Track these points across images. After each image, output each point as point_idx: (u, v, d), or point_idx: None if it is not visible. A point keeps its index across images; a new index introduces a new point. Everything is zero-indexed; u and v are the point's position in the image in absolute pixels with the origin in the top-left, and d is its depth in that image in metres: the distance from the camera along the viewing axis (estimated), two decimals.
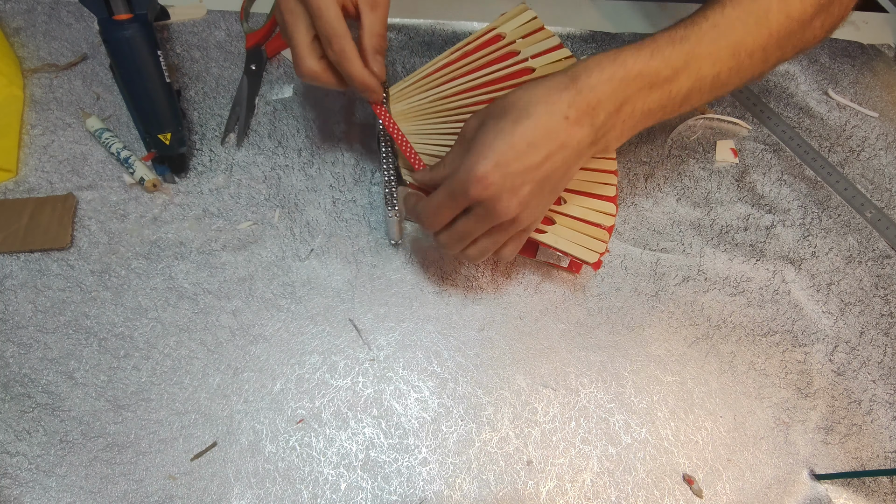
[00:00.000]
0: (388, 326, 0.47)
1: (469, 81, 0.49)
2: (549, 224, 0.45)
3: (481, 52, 0.50)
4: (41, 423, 0.41)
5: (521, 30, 0.51)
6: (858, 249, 0.55)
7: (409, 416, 0.44)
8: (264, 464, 0.41)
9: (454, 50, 0.51)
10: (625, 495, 0.43)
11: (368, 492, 0.41)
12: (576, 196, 0.46)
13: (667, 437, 0.45)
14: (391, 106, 0.49)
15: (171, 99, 0.48)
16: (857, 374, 0.49)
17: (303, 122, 0.55)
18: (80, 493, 0.39)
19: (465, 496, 0.42)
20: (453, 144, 0.40)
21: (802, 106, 0.63)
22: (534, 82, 0.37)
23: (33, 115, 0.52)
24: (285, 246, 0.49)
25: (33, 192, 0.48)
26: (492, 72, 0.50)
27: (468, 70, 0.50)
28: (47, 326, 0.44)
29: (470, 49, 0.51)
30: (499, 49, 0.50)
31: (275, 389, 0.43)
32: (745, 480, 0.44)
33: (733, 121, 0.60)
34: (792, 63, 0.65)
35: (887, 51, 0.68)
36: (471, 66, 0.50)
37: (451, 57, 0.51)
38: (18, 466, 0.39)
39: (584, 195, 0.46)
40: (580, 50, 0.63)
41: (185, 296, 0.46)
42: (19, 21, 0.56)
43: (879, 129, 0.62)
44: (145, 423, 0.41)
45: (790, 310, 0.51)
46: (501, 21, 0.52)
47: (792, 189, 0.57)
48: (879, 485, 0.45)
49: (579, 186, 0.46)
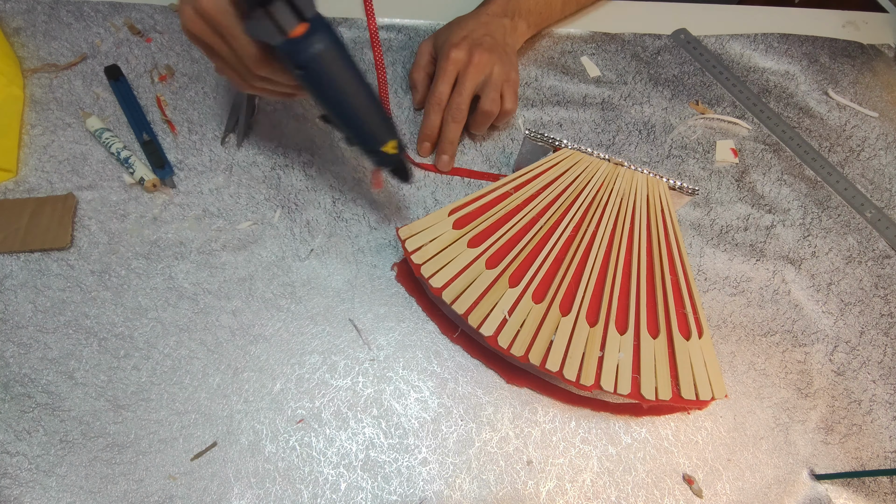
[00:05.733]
0: (388, 326, 0.47)
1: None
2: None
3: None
4: (41, 423, 0.41)
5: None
6: (858, 249, 0.55)
7: (409, 416, 0.44)
8: (264, 464, 0.41)
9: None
10: (625, 495, 0.43)
11: (368, 492, 0.41)
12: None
13: (667, 437, 0.45)
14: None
15: (379, 101, 0.41)
16: (857, 374, 0.49)
17: (302, 122, 0.55)
18: (80, 493, 0.39)
19: (465, 496, 0.42)
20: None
21: (802, 106, 0.63)
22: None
23: (33, 115, 0.52)
24: (285, 246, 0.49)
25: (33, 192, 0.48)
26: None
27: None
28: (47, 326, 0.44)
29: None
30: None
31: (275, 389, 0.43)
32: (745, 480, 0.44)
33: (733, 121, 0.60)
34: (792, 63, 0.65)
35: (887, 51, 0.68)
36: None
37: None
38: (18, 466, 0.39)
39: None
40: (580, 50, 0.63)
41: (185, 296, 0.46)
42: (19, 21, 0.56)
43: (879, 129, 0.62)
44: (145, 423, 0.41)
45: (790, 310, 0.51)
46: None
47: (792, 189, 0.57)
48: (879, 485, 0.45)
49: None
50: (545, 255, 0.44)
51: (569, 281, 0.43)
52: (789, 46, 0.66)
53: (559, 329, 0.41)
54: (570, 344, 0.41)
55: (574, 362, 0.40)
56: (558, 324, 0.42)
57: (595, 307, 0.43)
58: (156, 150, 0.50)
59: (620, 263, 0.44)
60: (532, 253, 0.44)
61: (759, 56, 0.66)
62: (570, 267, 0.44)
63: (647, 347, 0.42)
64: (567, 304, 0.42)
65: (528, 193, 0.46)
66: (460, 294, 0.42)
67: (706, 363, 0.42)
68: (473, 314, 0.41)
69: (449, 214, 0.45)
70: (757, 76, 0.64)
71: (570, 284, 0.43)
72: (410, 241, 0.44)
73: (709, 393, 0.41)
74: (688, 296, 0.44)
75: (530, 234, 0.44)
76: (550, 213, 0.45)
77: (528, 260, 0.44)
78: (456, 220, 0.44)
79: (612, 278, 0.44)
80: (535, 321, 0.41)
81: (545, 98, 0.59)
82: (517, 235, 0.44)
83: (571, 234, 0.45)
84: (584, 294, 0.43)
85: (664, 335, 0.42)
